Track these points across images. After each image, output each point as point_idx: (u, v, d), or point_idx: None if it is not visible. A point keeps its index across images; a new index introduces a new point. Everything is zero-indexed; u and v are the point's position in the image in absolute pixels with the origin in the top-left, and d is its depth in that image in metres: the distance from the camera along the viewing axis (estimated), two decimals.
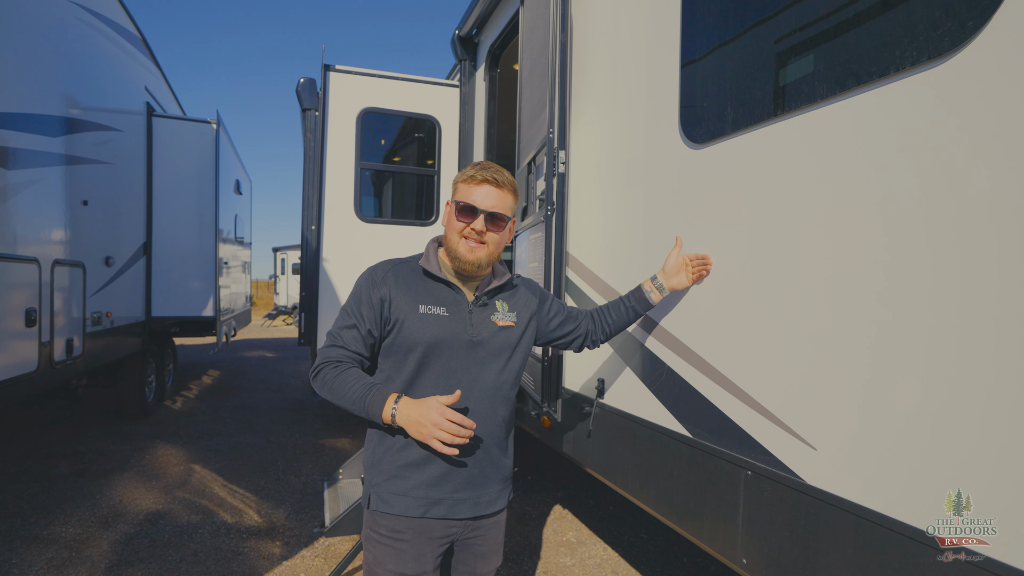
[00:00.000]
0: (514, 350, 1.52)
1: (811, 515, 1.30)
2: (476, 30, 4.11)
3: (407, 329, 1.41)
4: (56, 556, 3.05)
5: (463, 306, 1.47)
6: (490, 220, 1.42)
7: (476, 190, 1.43)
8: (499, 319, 1.50)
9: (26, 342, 3.38)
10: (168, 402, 6.94)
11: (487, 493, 1.50)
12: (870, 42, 1.19)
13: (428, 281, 1.48)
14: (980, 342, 0.99)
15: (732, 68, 1.60)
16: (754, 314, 1.49)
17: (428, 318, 1.42)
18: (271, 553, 3.15)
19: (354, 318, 1.44)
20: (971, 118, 1.00)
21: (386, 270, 1.48)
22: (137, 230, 5.79)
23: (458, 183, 1.47)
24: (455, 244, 1.44)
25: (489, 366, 1.46)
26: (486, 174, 1.43)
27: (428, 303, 1.44)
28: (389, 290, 1.43)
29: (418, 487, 1.42)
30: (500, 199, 1.44)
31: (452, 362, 1.43)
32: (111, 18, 5.13)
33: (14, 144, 3.30)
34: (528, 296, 1.61)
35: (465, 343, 1.44)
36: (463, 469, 1.44)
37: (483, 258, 1.44)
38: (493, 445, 1.50)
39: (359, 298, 1.46)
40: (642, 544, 3.40)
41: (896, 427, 1.13)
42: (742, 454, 1.51)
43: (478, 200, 1.42)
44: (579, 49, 2.46)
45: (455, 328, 1.43)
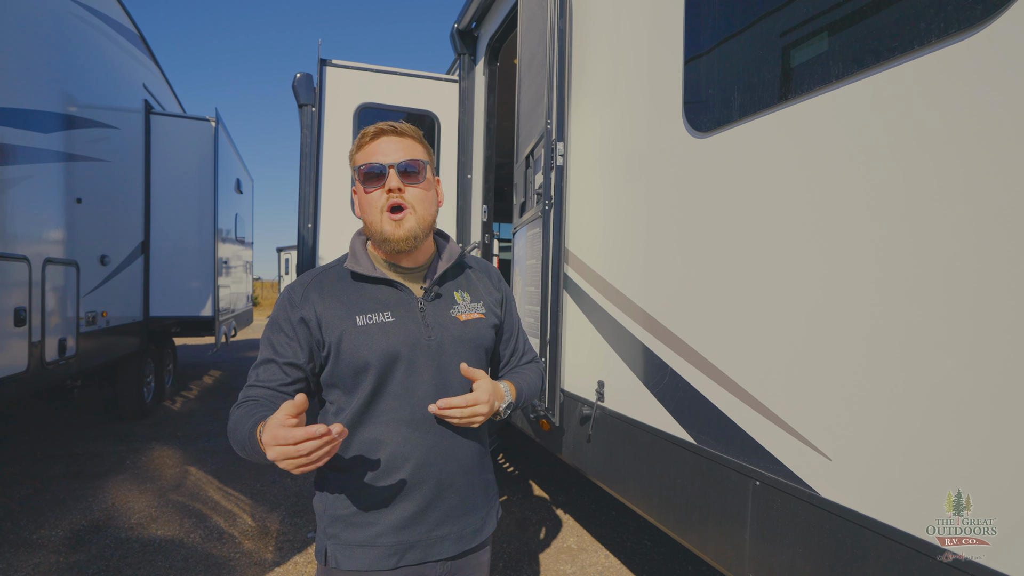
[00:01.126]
0: (486, 348, 1.27)
1: (826, 530, 1.20)
2: (475, 23, 4.02)
3: (348, 349, 1.13)
4: (43, 561, 2.98)
5: (412, 305, 1.19)
6: (404, 174, 1.15)
7: (373, 147, 1.16)
8: (461, 312, 1.23)
9: (15, 342, 3.31)
10: (168, 402, 6.88)
11: (472, 522, 1.23)
12: (880, 22, 1.09)
13: (362, 285, 1.20)
14: (1003, 345, 0.88)
15: (740, 51, 1.50)
16: (763, 313, 1.39)
17: (371, 329, 1.14)
18: (263, 559, 3.07)
19: (269, 350, 1.17)
20: (982, 98, 0.90)
21: (305, 284, 1.20)
22: (134, 229, 5.73)
23: (353, 155, 1.20)
24: (378, 224, 1.15)
25: (457, 372, 1.19)
26: (380, 125, 1.18)
27: (367, 311, 1.16)
28: (312, 308, 1.16)
29: (386, 532, 1.14)
30: (407, 148, 1.17)
31: (412, 376, 1.15)
32: (108, 15, 5.07)
33: (4, 140, 3.24)
34: (487, 282, 1.34)
35: (424, 349, 1.16)
36: (443, 502, 1.18)
37: (415, 227, 1.15)
38: (474, 464, 1.23)
39: (275, 325, 1.18)
40: (645, 551, 3.30)
41: (921, 438, 1.02)
42: (750, 463, 1.41)
43: (381, 156, 1.15)
44: (579, 38, 2.36)
45: (408, 334, 1.16)
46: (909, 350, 1.05)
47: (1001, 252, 0.91)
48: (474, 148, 4.12)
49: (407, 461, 1.15)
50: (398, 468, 1.14)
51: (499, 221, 5.64)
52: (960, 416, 0.97)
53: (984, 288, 0.94)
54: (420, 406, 1.15)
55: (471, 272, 1.33)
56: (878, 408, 1.10)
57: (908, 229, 1.05)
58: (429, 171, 1.20)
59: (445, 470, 1.17)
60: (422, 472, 1.15)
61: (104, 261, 4.86)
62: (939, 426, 1.00)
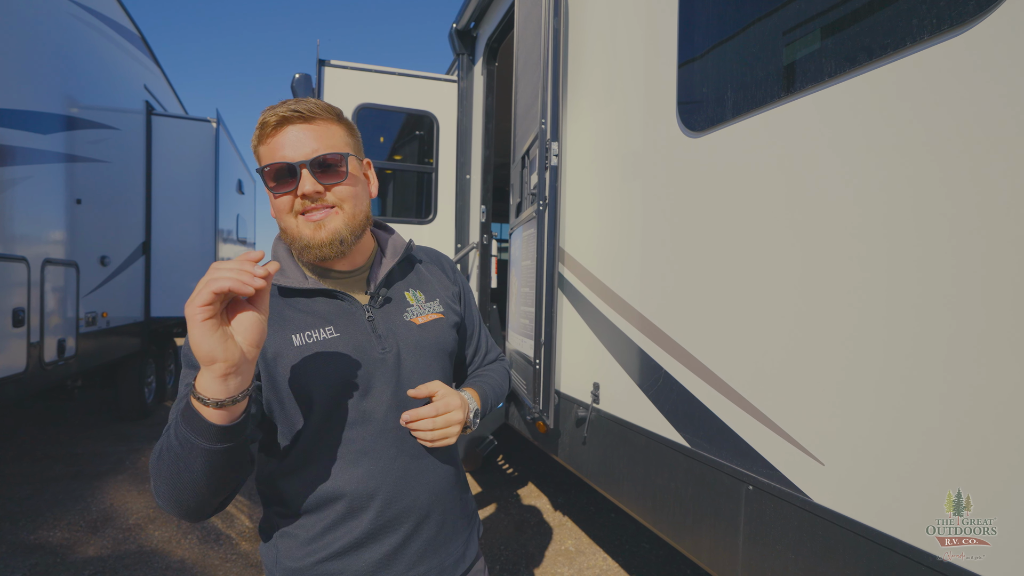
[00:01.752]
0: (449, 352, 1.10)
1: (818, 536, 1.18)
2: (474, 23, 4.00)
3: (285, 376, 0.94)
4: (40, 562, 2.98)
5: (357, 314, 1.00)
6: (321, 170, 0.93)
7: (278, 140, 0.93)
8: (416, 315, 1.06)
9: (14, 342, 3.32)
10: (168, 403, 6.89)
11: (453, 550, 1.08)
12: (875, 20, 1.07)
13: (294, 300, 0.99)
14: (1008, 346, 0.86)
15: (733, 51, 1.48)
16: (756, 315, 1.37)
17: (311, 349, 0.95)
18: (259, 561, 3.06)
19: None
20: (981, 92, 0.88)
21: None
22: (135, 229, 5.74)
23: (257, 148, 0.96)
24: (295, 230, 0.95)
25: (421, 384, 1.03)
26: (281, 110, 0.92)
27: (304, 328, 0.96)
28: None
29: None
30: (320, 136, 0.94)
31: (367, 399, 0.97)
32: (109, 16, 5.09)
33: (4, 141, 3.25)
34: (442, 277, 1.17)
35: (376, 365, 0.98)
36: (419, 536, 1.01)
37: (341, 229, 0.95)
38: (450, 486, 1.07)
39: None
40: (643, 554, 3.28)
41: (913, 443, 1.00)
42: (743, 467, 1.39)
43: (288, 152, 0.92)
44: (574, 38, 2.35)
45: (357, 349, 0.97)
46: (899, 354, 1.03)
47: (1001, 253, 0.89)
48: (473, 148, 4.11)
49: (372, 499, 0.96)
50: (363, 508, 0.96)
51: (498, 221, 5.64)
52: (951, 421, 0.95)
53: (978, 290, 0.92)
54: (380, 433, 0.97)
55: (421, 267, 1.15)
56: (870, 413, 1.08)
57: (900, 228, 1.03)
58: (352, 161, 0.98)
59: (419, 501, 1.00)
60: (392, 508, 0.98)
61: (104, 262, 4.87)
62: (930, 431, 0.98)
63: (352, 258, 1.03)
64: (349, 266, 1.04)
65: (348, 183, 0.96)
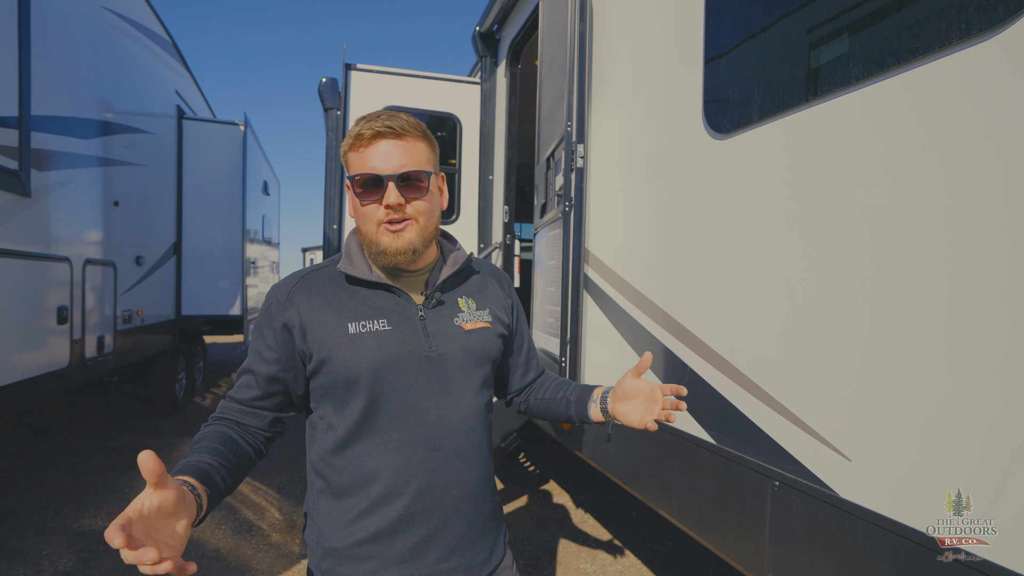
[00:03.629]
0: (492, 360, 1.15)
1: (845, 531, 1.20)
2: (497, 26, 4.06)
3: (338, 360, 1.02)
4: (84, 549, 3.11)
5: (410, 312, 1.08)
6: (405, 185, 1.02)
7: (371, 152, 1.02)
8: (465, 321, 1.12)
9: (58, 339, 3.47)
10: (198, 399, 7.09)
11: (481, 550, 1.11)
12: (903, 24, 1.09)
13: (356, 289, 1.08)
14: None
15: (759, 53, 1.50)
16: (781, 314, 1.39)
17: (364, 339, 1.03)
18: (290, 551, 3.16)
19: (251, 360, 1.08)
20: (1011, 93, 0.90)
21: (291, 286, 1.08)
22: (167, 230, 5.92)
23: (346, 153, 1.06)
24: (373, 235, 1.04)
25: (461, 386, 1.08)
26: (376, 125, 1.01)
27: (361, 318, 1.04)
28: (298, 312, 1.04)
29: (387, 567, 1.03)
30: (409, 152, 1.03)
31: (410, 391, 1.04)
32: (143, 24, 5.26)
33: (48, 146, 3.40)
34: (496, 290, 1.23)
35: (422, 362, 1.05)
36: (449, 530, 1.06)
37: (415, 240, 1.04)
38: (481, 487, 1.11)
39: (258, 331, 1.07)
40: (666, 552, 3.30)
41: (941, 439, 1.02)
42: (769, 463, 1.42)
43: (378, 164, 1.01)
44: (599, 40, 2.38)
45: (405, 344, 1.04)
46: (928, 351, 1.05)
47: (1004, 256, 0.91)
48: (496, 149, 4.16)
49: (407, 486, 1.03)
50: (398, 494, 1.03)
51: (520, 221, 5.68)
52: (979, 416, 0.97)
53: (1004, 288, 0.93)
54: (419, 425, 1.04)
55: (478, 277, 1.22)
56: (898, 408, 1.10)
57: (933, 231, 1.05)
58: (433, 179, 1.07)
59: (451, 495, 1.06)
60: (425, 498, 1.04)
61: (139, 261, 5.04)
62: (958, 426, 1.00)
63: (416, 262, 1.10)
64: (412, 267, 1.10)
65: (426, 199, 1.05)
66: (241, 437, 1.05)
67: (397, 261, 1.04)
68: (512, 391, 1.33)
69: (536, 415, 1.34)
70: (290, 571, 2.95)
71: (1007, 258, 0.93)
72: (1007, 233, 0.93)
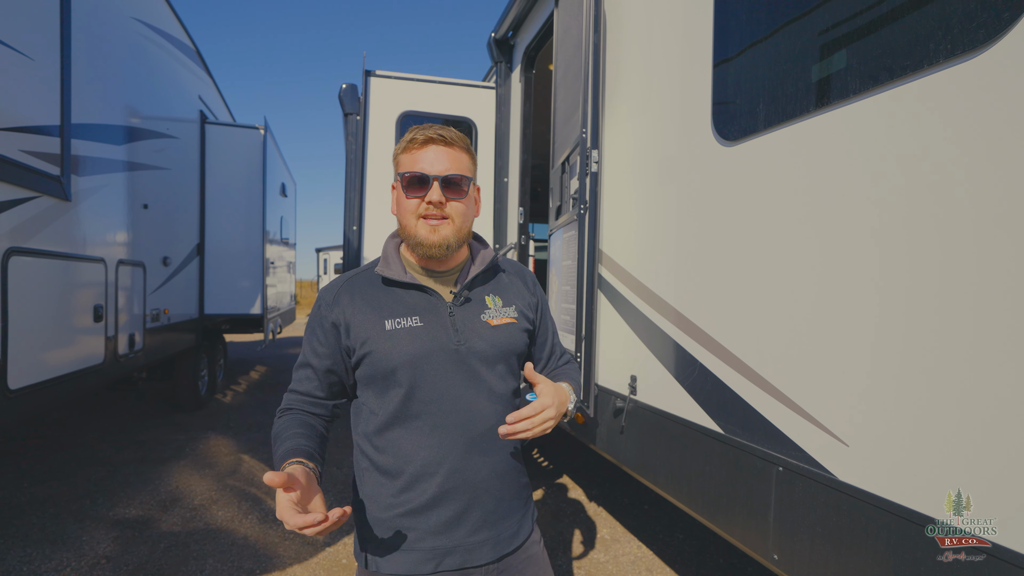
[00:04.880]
0: (518, 353, 1.26)
1: (843, 511, 1.30)
2: (512, 32, 4.17)
3: (377, 354, 1.15)
4: (121, 535, 3.28)
5: (441, 309, 1.19)
6: (447, 186, 1.15)
7: (422, 155, 1.16)
8: (492, 317, 1.23)
9: (94, 336, 3.64)
10: (219, 395, 7.29)
11: (508, 526, 1.23)
12: (909, 34, 1.18)
13: (392, 290, 1.21)
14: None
15: (765, 65, 1.60)
16: (783, 310, 1.49)
17: (399, 334, 1.15)
18: (315, 540, 3.30)
19: (307, 354, 1.22)
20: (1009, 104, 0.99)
21: (337, 288, 1.22)
22: (191, 232, 6.11)
23: (398, 155, 1.20)
24: (413, 228, 1.16)
25: (488, 377, 1.19)
26: (429, 132, 1.17)
27: (395, 316, 1.16)
28: (343, 312, 1.18)
29: (424, 537, 1.15)
30: (454, 159, 1.17)
31: (441, 381, 1.16)
32: (169, 32, 5.45)
33: (86, 153, 3.57)
34: (521, 288, 1.33)
35: (452, 354, 1.16)
36: (479, 507, 1.18)
37: (450, 237, 1.16)
38: (509, 469, 1.23)
39: (311, 329, 1.22)
40: (677, 543, 3.39)
41: (932, 423, 1.12)
42: (773, 450, 1.52)
43: (427, 165, 1.15)
44: (612, 50, 2.48)
45: (435, 338, 1.16)
46: (919, 342, 1.14)
47: (1005, 258, 1.01)
48: (510, 153, 4.28)
49: (440, 467, 1.15)
50: (432, 474, 1.15)
51: (533, 222, 5.79)
52: (963, 401, 1.06)
53: (1000, 290, 1.03)
54: (451, 412, 1.16)
55: (504, 276, 1.32)
56: (892, 396, 1.20)
57: (927, 233, 1.15)
58: (472, 185, 1.21)
59: (480, 475, 1.17)
60: (456, 478, 1.15)
61: (166, 262, 5.23)
62: (949, 412, 1.09)
63: (447, 260, 1.24)
64: (443, 267, 1.24)
65: (464, 202, 1.19)
66: (313, 420, 1.21)
67: (432, 253, 1.17)
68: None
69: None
70: (315, 558, 3.08)
71: (1005, 257, 1.03)
72: (1003, 233, 1.03)
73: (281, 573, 2.92)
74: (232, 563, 3.00)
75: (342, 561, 3.07)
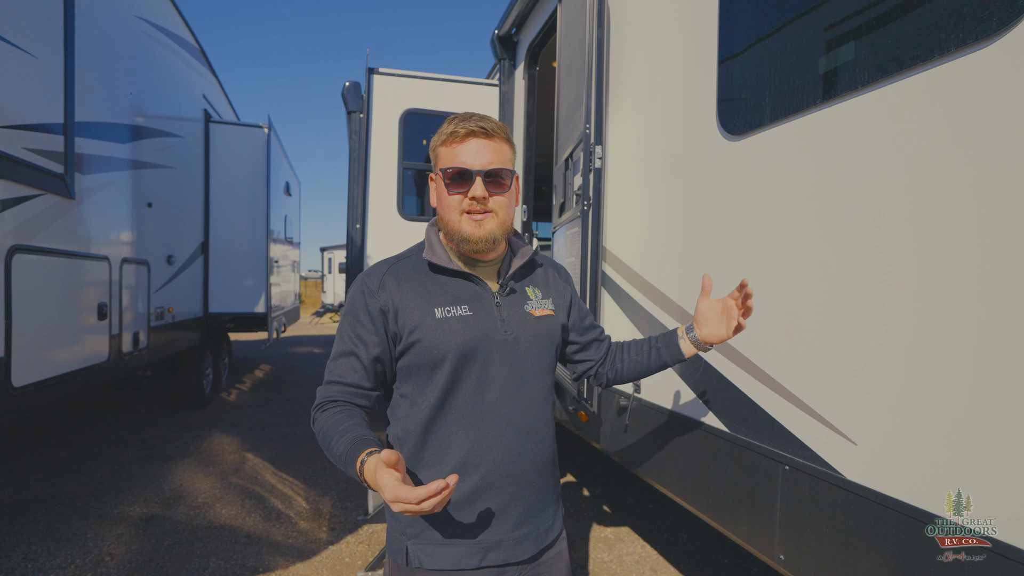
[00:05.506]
0: (557, 344, 1.26)
1: (851, 511, 1.28)
2: (515, 29, 4.15)
3: (426, 342, 1.11)
4: (125, 533, 3.28)
5: (488, 299, 1.18)
6: (491, 181, 1.12)
7: (463, 148, 1.12)
8: (534, 308, 1.22)
9: (99, 334, 3.65)
10: (224, 394, 7.31)
11: (546, 519, 1.21)
12: (914, 27, 1.16)
13: (438, 277, 1.18)
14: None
15: (771, 57, 1.58)
16: (789, 306, 1.47)
17: (450, 323, 1.12)
18: (318, 538, 3.30)
19: (350, 342, 1.16)
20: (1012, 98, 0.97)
21: (382, 273, 1.18)
22: (196, 230, 6.12)
23: (437, 148, 1.17)
24: (456, 224, 1.14)
25: (531, 368, 1.19)
26: (470, 125, 1.12)
27: (445, 304, 1.14)
28: (390, 297, 1.14)
29: (467, 531, 1.12)
30: (495, 152, 1.14)
31: (488, 371, 1.14)
32: (173, 31, 5.45)
33: (89, 151, 3.57)
34: (557, 279, 1.34)
35: (500, 344, 1.15)
36: (521, 500, 1.15)
37: (495, 230, 1.14)
38: (547, 461, 1.22)
39: (354, 315, 1.16)
40: (682, 543, 3.37)
41: (941, 422, 1.09)
42: (780, 449, 1.49)
43: (469, 159, 1.12)
44: (616, 45, 2.46)
45: (485, 328, 1.14)
46: (926, 340, 1.12)
47: (1006, 257, 0.98)
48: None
49: (484, 458, 1.13)
50: (476, 465, 1.13)
51: (537, 220, 5.77)
52: (975, 400, 1.04)
53: (1004, 287, 1.00)
54: (496, 402, 1.14)
55: (541, 270, 1.32)
56: (899, 394, 1.18)
57: (934, 228, 1.12)
58: (513, 177, 1.18)
59: (522, 467, 1.15)
60: (499, 470, 1.13)
61: (170, 261, 5.24)
62: (956, 409, 1.07)
63: (489, 252, 1.21)
64: (485, 257, 1.22)
65: (506, 195, 1.17)
66: (360, 414, 1.15)
67: (478, 248, 1.15)
68: (595, 364, 1.42)
69: (627, 379, 1.44)
70: (319, 556, 3.08)
71: (1008, 255, 1.00)
72: (1008, 230, 1.00)
73: (284, 571, 2.92)
74: (235, 561, 3.00)
75: (344, 560, 3.06)
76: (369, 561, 3.02)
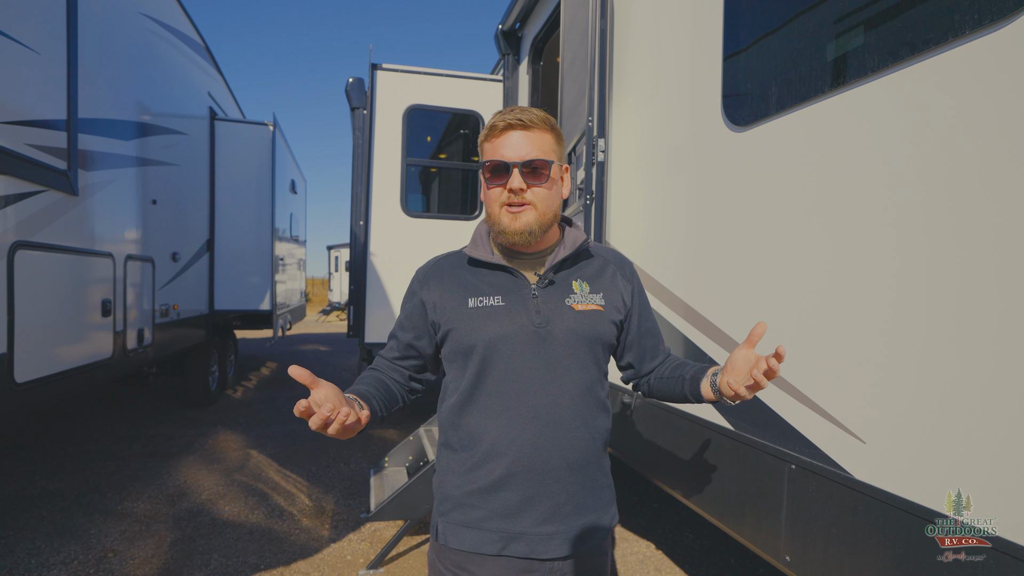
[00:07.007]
0: (603, 342, 1.20)
1: (860, 511, 1.24)
2: (519, 24, 4.11)
3: (459, 330, 1.17)
4: (128, 529, 3.28)
5: (524, 291, 1.18)
6: (528, 172, 1.12)
7: (501, 141, 1.14)
8: (577, 302, 1.18)
9: (102, 331, 3.65)
10: (229, 391, 7.33)
11: (578, 524, 1.16)
12: (917, 16, 1.12)
13: (478, 270, 1.22)
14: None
15: (777, 46, 1.53)
16: (796, 302, 1.43)
17: (480, 312, 1.16)
18: (320, 535, 3.28)
19: (397, 327, 1.30)
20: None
21: (429, 268, 1.27)
22: (201, 228, 6.13)
23: (482, 143, 1.19)
24: (497, 216, 1.16)
25: (566, 363, 1.15)
26: (508, 117, 1.13)
27: (480, 294, 1.18)
28: (431, 290, 1.22)
29: (491, 517, 1.14)
30: (534, 142, 1.13)
31: (517, 362, 1.14)
32: (178, 28, 5.46)
33: (93, 147, 3.57)
34: (616, 275, 1.26)
35: (531, 335, 1.14)
36: (547, 497, 1.14)
37: (532, 223, 1.14)
38: (585, 462, 1.17)
39: (404, 303, 1.29)
40: (687, 543, 3.33)
41: (952, 420, 1.05)
42: (786, 447, 1.46)
43: (507, 152, 1.13)
44: (620, 37, 2.42)
45: (515, 319, 1.15)
46: (937, 337, 1.08)
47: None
48: None
49: (509, 448, 1.13)
50: (500, 455, 1.13)
51: None
52: (986, 398, 1.00)
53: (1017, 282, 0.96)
54: (524, 395, 1.13)
55: (597, 262, 1.27)
56: (911, 388, 1.13)
57: (944, 221, 1.08)
58: (554, 167, 1.16)
59: (549, 464, 1.13)
60: (522, 462, 1.13)
61: (175, 258, 5.24)
62: (968, 407, 1.03)
63: (534, 244, 1.20)
64: (530, 250, 1.22)
65: (546, 186, 1.15)
66: (389, 381, 1.27)
67: (515, 240, 1.16)
68: (642, 374, 1.34)
69: (655, 395, 1.36)
70: (321, 553, 3.07)
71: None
72: (1015, 231, 0.96)
73: (286, 568, 2.91)
74: (238, 558, 2.99)
75: (347, 558, 3.05)
76: (371, 559, 3.01)
